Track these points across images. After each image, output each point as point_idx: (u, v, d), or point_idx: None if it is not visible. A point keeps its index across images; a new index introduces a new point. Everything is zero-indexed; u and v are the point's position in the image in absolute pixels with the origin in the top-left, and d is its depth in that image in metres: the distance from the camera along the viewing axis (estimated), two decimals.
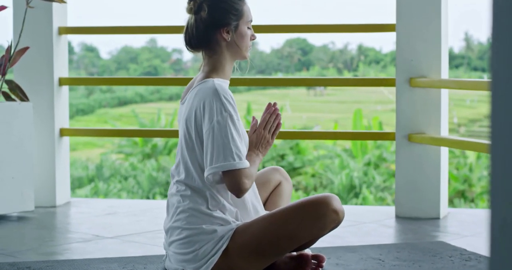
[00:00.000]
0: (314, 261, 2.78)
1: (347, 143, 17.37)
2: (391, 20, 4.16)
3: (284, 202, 2.94)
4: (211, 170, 2.57)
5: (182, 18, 2.76)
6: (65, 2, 4.11)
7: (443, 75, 4.07)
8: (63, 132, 4.43)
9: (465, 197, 13.51)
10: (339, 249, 3.24)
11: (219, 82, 2.65)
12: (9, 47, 4.02)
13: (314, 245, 2.93)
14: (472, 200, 13.39)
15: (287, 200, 2.97)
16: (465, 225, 3.88)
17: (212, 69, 2.71)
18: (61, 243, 3.47)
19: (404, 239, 3.59)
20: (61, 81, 4.41)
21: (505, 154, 1.12)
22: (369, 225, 3.87)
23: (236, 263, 2.62)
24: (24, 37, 4.20)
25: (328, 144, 16.05)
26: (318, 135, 5.66)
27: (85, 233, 3.67)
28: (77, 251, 3.31)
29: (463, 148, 4.04)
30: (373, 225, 3.87)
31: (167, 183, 14.53)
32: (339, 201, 2.67)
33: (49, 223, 3.96)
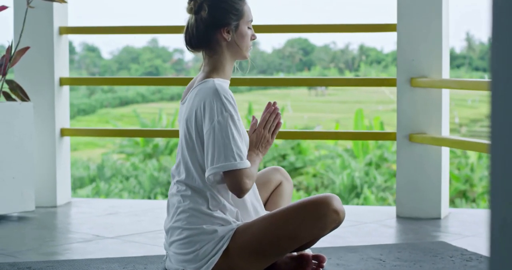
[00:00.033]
0: (315, 261, 2.78)
1: (349, 143, 17.38)
2: (392, 20, 4.16)
3: (285, 202, 2.93)
4: (212, 170, 2.56)
5: (183, 18, 2.76)
6: (66, 2, 4.11)
7: (444, 75, 4.07)
8: (64, 132, 4.43)
9: (467, 197, 13.50)
10: (340, 249, 3.24)
11: (220, 82, 2.65)
12: (10, 47, 4.02)
13: (315, 245, 2.93)
14: (474, 200, 13.38)
15: (288, 200, 2.97)
16: (466, 225, 3.87)
17: (213, 69, 2.71)
18: (62, 243, 3.46)
19: (405, 239, 3.58)
20: (62, 81, 4.41)
21: (505, 154, 1.11)
22: (370, 225, 3.87)
23: (237, 263, 2.62)
24: (25, 37, 4.20)
25: (330, 144, 16.04)
26: (320, 135, 5.66)
27: (86, 233, 3.67)
28: (78, 251, 3.31)
29: (464, 148, 4.04)
30: (374, 225, 3.87)
31: (169, 183, 14.52)
32: (340, 201, 2.66)
33: (50, 223, 3.96)
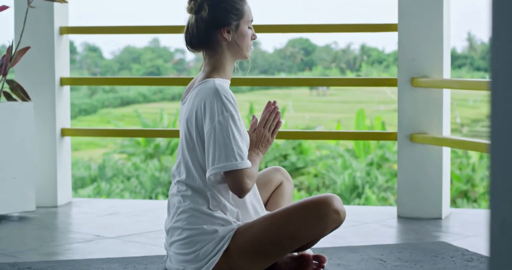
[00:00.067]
0: (316, 262, 2.78)
1: (350, 143, 17.36)
2: (393, 20, 4.16)
3: (286, 202, 2.93)
4: (213, 170, 2.56)
5: (184, 18, 2.76)
6: (67, 2, 4.11)
7: (445, 75, 4.06)
8: (65, 132, 4.42)
9: (468, 197, 13.49)
10: (341, 250, 3.24)
11: (220, 82, 2.65)
12: (10, 47, 4.02)
13: (316, 246, 2.93)
14: (475, 200, 13.37)
15: (289, 200, 2.96)
16: (467, 225, 3.87)
17: (213, 69, 2.70)
18: (62, 243, 3.46)
19: (406, 239, 3.58)
20: (63, 81, 4.41)
21: (505, 154, 1.11)
22: (371, 225, 3.87)
23: (237, 264, 2.61)
24: (25, 37, 4.20)
25: (331, 144, 16.04)
26: (321, 135, 5.66)
27: (86, 233, 3.67)
28: (78, 251, 3.30)
29: (465, 148, 4.03)
30: (375, 225, 3.86)
31: (170, 183, 14.50)
32: (341, 201, 2.66)
33: (50, 223, 3.96)
